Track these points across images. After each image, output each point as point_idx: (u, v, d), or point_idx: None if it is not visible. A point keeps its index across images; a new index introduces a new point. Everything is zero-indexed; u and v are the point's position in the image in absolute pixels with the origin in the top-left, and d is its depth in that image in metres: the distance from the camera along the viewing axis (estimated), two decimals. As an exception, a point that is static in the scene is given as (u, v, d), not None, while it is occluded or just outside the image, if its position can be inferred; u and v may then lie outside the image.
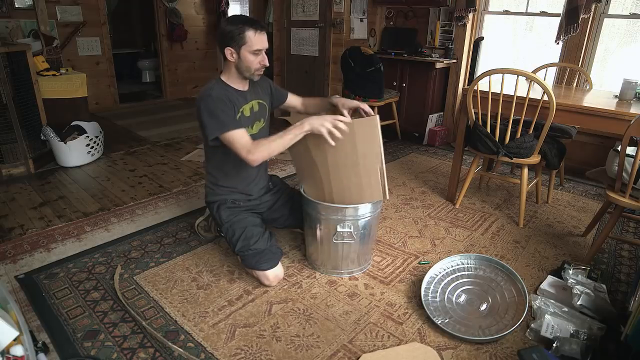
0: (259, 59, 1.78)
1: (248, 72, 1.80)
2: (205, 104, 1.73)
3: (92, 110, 4.83)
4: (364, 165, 1.76)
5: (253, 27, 1.72)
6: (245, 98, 1.87)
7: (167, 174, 3.21)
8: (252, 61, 1.76)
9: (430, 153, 3.95)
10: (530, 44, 3.92)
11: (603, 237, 2.06)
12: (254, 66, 1.78)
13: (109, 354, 1.50)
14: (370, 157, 1.73)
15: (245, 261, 1.88)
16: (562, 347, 1.51)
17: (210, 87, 1.79)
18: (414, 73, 4.11)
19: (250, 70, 1.80)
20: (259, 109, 1.96)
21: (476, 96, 2.40)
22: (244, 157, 1.69)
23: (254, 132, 1.95)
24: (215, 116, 1.71)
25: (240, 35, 1.71)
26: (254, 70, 1.80)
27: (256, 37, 1.73)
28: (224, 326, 1.64)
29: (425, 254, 2.20)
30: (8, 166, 3.03)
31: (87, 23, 4.88)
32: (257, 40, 1.74)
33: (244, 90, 1.87)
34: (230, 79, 1.83)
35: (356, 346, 1.56)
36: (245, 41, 1.72)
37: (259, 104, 1.96)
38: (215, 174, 1.97)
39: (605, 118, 2.13)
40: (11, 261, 2.02)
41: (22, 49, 3.01)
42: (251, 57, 1.75)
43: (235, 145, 1.70)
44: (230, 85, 1.83)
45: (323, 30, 4.27)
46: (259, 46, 1.74)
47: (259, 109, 1.96)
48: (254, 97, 1.93)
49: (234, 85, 1.84)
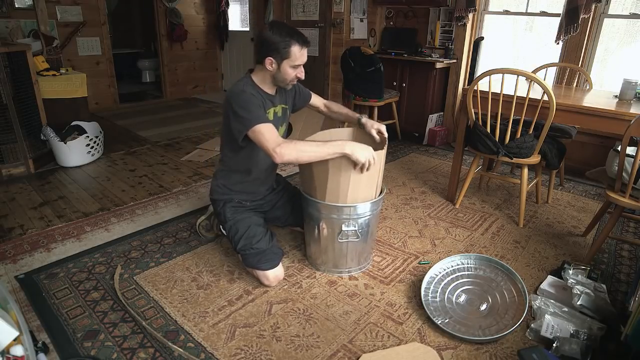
0: (297, 72, 1.78)
1: (283, 82, 1.81)
2: (237, 98, 1.71)
3: (92, 110, 4.83)
4: (363, 176, 1.78)
5: (299, 42, 1.70)
6: (272, 102, 1.87)
7: (167, 174, 3.21)
8: (290, 74, 1.76)
9: (430, 153, 3.95)
10: (530, 44, 3.92)
11: (603, 237, 2.06)
12: (290, 78, 1.78)
13: (109, 354, 1.50)
14: (372, 172, 1.77)
15: (246, 260, 1.88)
16: (562, 347, 1.51)
17: (243, 84, 1.78)
18: (414, 73, 4.11)
19: (286, 82, 1.80)
20: (282, 114, 1.96)
21: (476, 96, 2.40)
22: (272, 149, 1.62)
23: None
24: (250, 110, 1.68)
25: (285, 49, 1.69)
26: (289, 82, 1.81)
27: (301, 52, 1.72)
28: (224, 326, 1.64)
29: (425, 254, 2.20)
30: (8, 166, 3.03)
31: (87, 23, 4.88)
32: (301, 55, 1.73)
33: (272, 95, 1.87)
34: (261, 82, 1.82)
35: (356, 346, 1.56)
36: (289, 56, 1.71)
37: (282, 109, 1.96)
38: (230, 175, 1.96)
39: (605, 118, 2.13)
40: (11, 261, 2.02)
41: (22, 49, 3.00)
42: (290, 70, 1.75)
43: (265, 137, 1.64)
44: (261, 87, 1.82)
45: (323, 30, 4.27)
46: (300, 61, 1.75)
47: (282, 114, 1.96)
48: (280, 101, 1.93)
49: (264, 88, 1.83)
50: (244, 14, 6.46)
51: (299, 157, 1.66)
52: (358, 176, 1.74)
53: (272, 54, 1.71)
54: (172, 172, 3.26)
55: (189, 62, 6.19)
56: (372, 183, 1.83)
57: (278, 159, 1.63)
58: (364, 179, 1.77)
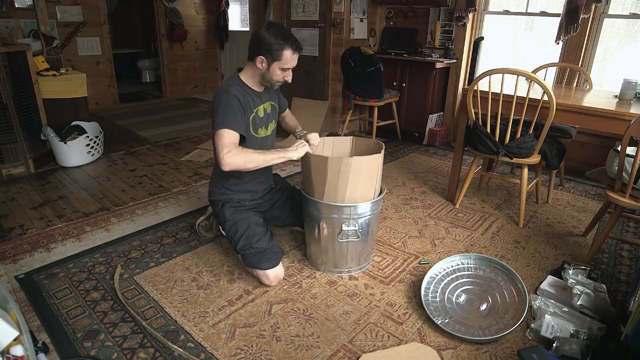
0: (285, 74, 1.82)
1: (269, 82, 1.85)
2: (219, 98, 1.76)
3: (92, 110, 4.83)
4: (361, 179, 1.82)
5: (292, 47, 1.75)
6: (260, 99, 1.91)
7: (167, 174, 3.21)
8: (278, 75, 1.81)
9: (430, 153, 3.95)
10: (530, 44, 3.92)
11: (603, 237, 2.06)
12: (277, 79, 1.83)
13: (109, 354, 1.50)
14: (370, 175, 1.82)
15: (246, 260, 1.88)
16: (562, 347, 1.51)
17: (230, 84, 1.82)
18: (414, 73, 4.11)
19: (272, 82, 1.85)
20: (271, 111, 2.00)
21: (476, 96, 2.40)
22: (222, 156, 1.67)
23: (268, 134, 2.00)
24: (223, 113, 1.73)
25: (278, 51, 1.73)
26: (275, 82, 1.85)
27: (292, 57, 1.77)
28: (224, 326, 1.64)
29: (425, 254, 2.20)
30: (8, 166, 3.03)
31: (87, 23, 4.88)
32: (292, 60, 1.78)
33: (259, 92, 1.91)
34: (249, 79, 1.86)
35: (356, 346, 1.56)
36: (281, 58, 1.75)
37: (271, 105, 1.99)
38: (227, 174, 1.96)
39: (605, 118, 2.13)
40: (11, 261, 2.02)
41: (22, 49, 3.00)
42: (279, 72, 1.80)
43: (222, 142, 1.68)
44: (248, 85, 1.86)
45: (323, 30, 4.27)
46: (290, 65, 1.79)
47: (271, 111, 2.00)
48: (268, 98, 1.96)
49: (251, 85, 1.87)
50: (244, 14, 6.47)
51: (247, 162, 1.71)
52: (355, 179, 1.78)
53: (264, 54, 1.75)
54: (172, 172, 3.26)
55: (189, 62, 6.19)
56: (370, 185, 1.84)
57: (225, 167, 1.68)
58: (361, 181, 1.79)
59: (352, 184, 1.78)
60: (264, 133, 1.97)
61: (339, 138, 2.16)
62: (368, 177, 1.81)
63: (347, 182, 1.78)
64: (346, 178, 1.77)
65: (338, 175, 1.77)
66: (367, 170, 1.80)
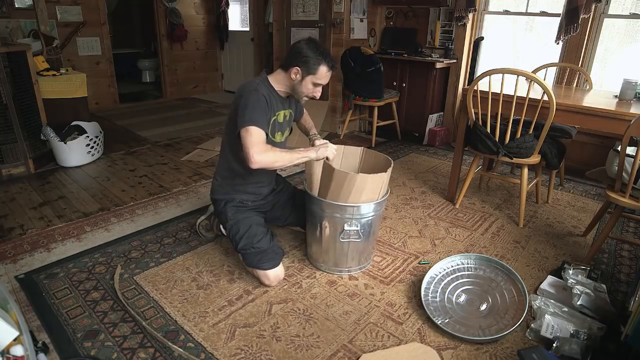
0: (315, 90, 1.83)
1: (298, 94, 1.86)
2: (248, 95, 1.74)
3: (92, 110, 4.83)
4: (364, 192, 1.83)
5: (329, 64, 1.78)
6: (283, 105, 1.92)
7: (167, 174, 3.21)
8: (309, 89, 1.82)
9: (430, 153, 3.95)
10: (530, 44, 3.92)
11: (603, 237, 2.06)
12: (307, 93, 1.84)
13: (109, 354, 1.50)
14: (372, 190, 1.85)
15: (246, 260, 1.88)
16: (562, 347, 1.51)
17: (258, 83, 1.81)
18: (414, 73, 4.11)
19: (301, 95, 1.86)
20: (289, 118, 2.01)
21: (476, 96, 2.40)
22: (251, 154, 1.66)
23: (282, 140, 2.02)
24: (252, 110, 1.71)
25: (315, 66, 1.75)
26: (303, 95, 1.86)
27: (327, 74, 1.80)
28: (224, 326, 1.64)
29: (425, 254, 2.20)
30: (8, 166, 3.03)
31: (87, 23, 4.88)
32: (326, 77, 1.80)
33: (284, 98, 1.92)
34: (277, 84, 1.86)
35: (356, 346, 1.56)
36: (316, 72, 1.77)
37: (290, 113, 2.01)
38: (232, 175, 1.97)
39: (605, 118, 2.13)
40: (11, 261, 2.02)
41: (22, 49, 3.00)
42: (310, 86, 1.81)
43: (250, 140, 1.67)
44: (275, 89, 1.86)
45: (323, 30, 4.27)
46: (323, 81, 1.81)
47: (289, 118, 2.01)
48: (288, 106, 1.97)
49: (278, 91, 1.87)
50: (244, 14, 6.47)
51: (275, 161, 1.72)
52: (358, 194, 1.79)
53: (301, 65, 1.76)
54: (172, 172, 3.26)
55: (189, 62, 6.19)
56: (372, 196, 1.85)
57: (254, 164, 1.67)
58: (363, 196, 1.81)
59: (354, 197, 1.81)
60: (280, 139, 1.99)
61: (349, 148, 2.17)
62: (371, 192, 1.83)
63: (349, 195, 1.80)
64: (349, 191, 1.79)
65: (341, 187, 1.79)
66: (370, 188, 1.81)
